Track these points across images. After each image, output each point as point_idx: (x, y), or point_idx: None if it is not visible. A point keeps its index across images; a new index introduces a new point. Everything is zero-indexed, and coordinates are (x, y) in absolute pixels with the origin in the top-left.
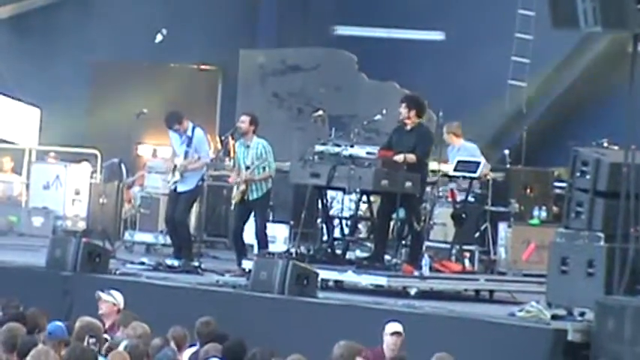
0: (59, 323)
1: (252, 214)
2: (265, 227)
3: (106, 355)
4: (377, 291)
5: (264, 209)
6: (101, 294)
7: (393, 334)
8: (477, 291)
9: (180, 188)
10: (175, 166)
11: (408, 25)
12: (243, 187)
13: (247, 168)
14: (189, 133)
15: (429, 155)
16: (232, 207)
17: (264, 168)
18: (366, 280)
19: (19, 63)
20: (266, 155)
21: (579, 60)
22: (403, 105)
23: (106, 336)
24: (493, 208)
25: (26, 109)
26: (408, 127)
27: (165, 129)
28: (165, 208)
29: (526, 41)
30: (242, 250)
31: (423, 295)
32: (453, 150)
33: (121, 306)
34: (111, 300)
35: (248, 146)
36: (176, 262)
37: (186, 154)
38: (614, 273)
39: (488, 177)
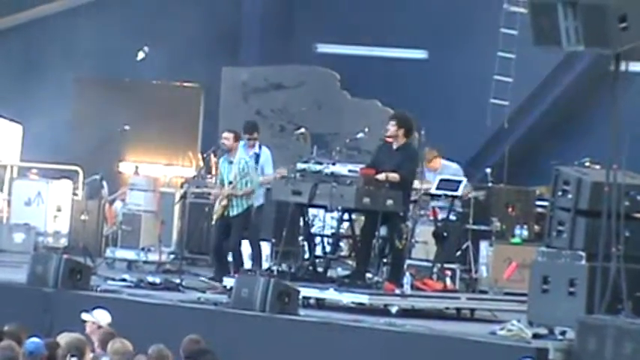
0: (37, 340)
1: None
2: (240, 244)
3: None
4: (358, 309)
5: (243, 226)
6: (83, 315)
7: None
8: (459, 309)
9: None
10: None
11: (391, 43)
12: (224, 202)
13: (230, 183)
14: (256, 150)
15: (414, 175)
16: (213, 222)
17: (246, 183)
18: (347, 298)
19: (0, 79)
20: (248, 170)
21: (561, 79)
22: (393, 122)
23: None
24: (475, 227)
25: (8, 125)
26: (395, 146)
27: (147, 147)
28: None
29: (508, 60)
30: (223, 266)
31: (404, 313)
32: (434, 174)
33: (103, 324)
34: (90, 319)
35: (231, 162)
36: (157, 279)
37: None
38: (595, 292)
39: (470, 195)
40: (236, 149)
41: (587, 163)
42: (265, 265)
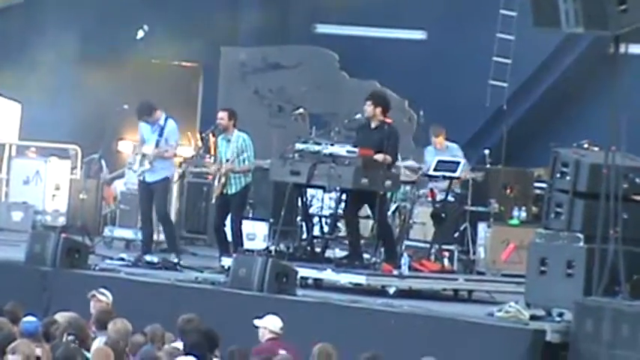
0: (33, 319)
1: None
2: (240, 224)
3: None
4: (356, 289)
5: (242, 205)
6: (96, 292)
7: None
8: (456, 290)
9: (150, 178)
10: (144, 155)
11: (390, 24)
12: (223, 179)
13: (227, 161)
14: (161, 122)
15: (397, 154)
16: (213, 201)
17: (243, 160)
18: (345, 278)
19: None
20: (246, 148)
21: (561, 60)
22: (369, 102)
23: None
24: (473, 208)
25: (6, 104)
26: (373, 125)
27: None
28: (139, 201)
29: (508, 41)
30: (224, 245)
31: (401, 294)
32: (432, 151)
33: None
34: (104, 299)
35: (229, 140)
36: (155, 259)
37: (157, 143)
38: (593, 274)
39: (468, 177)
40: (232, 128)
41: (585, 145)
42: (263, 245)
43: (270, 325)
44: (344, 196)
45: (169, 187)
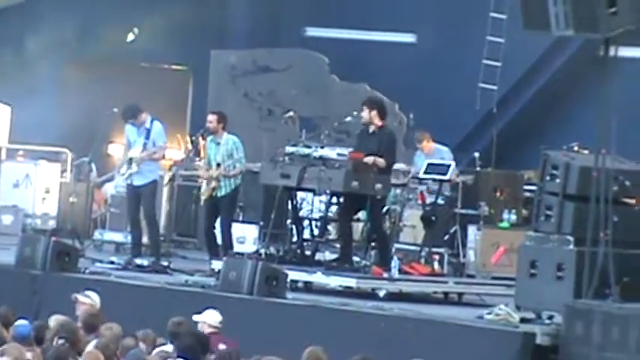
0: (25, 322)
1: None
2: (230, 227)
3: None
4: (346, 292)
5: (231, 207)
6: (78, 295)
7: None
8: (446, 293)
9: (138, 182)
10: (131, 158)
11: (380, 27)
12: (214, 183)
13: (218, 165)
14: (147, 125)
15: (394, 158)
16: (202, 203)
17: (233, 165)
18: (335, 281)
19: None
20: (236, 150)
21: (551, 63)
22: (364, 108)
23: None
24: (463, 211)
25: None
26: (371, 130)
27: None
28: (127, 205)
29: (498, 44)
30: (213, 248)
31: (391, 297)
32: (422, 156)
33: (98, 306)
34: (88, 301)
35: (219, 143)
36: (145, 262)
37: (144, 145)
38: (583, 277)
39: (458, 180)
40: (221, 130)
41: (575, 148)
42: (253, 248)
43: (209, 319)
44: (335, 199)
45: (157, 190)
